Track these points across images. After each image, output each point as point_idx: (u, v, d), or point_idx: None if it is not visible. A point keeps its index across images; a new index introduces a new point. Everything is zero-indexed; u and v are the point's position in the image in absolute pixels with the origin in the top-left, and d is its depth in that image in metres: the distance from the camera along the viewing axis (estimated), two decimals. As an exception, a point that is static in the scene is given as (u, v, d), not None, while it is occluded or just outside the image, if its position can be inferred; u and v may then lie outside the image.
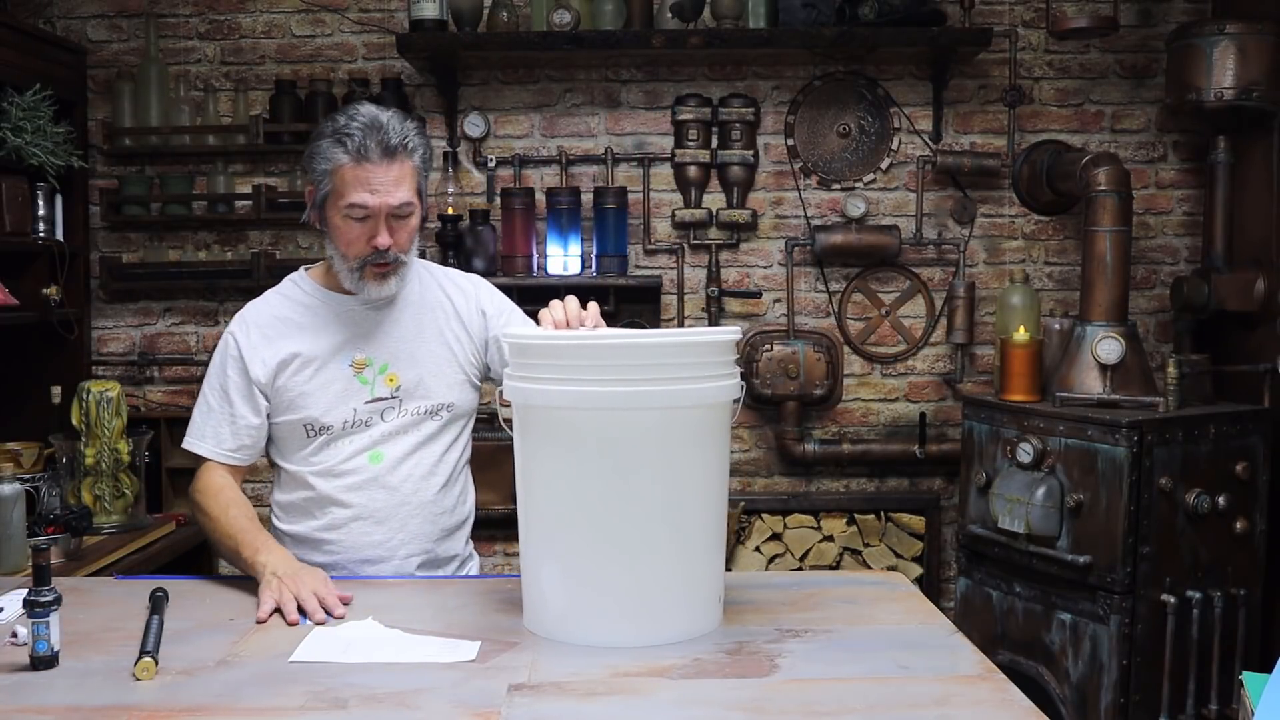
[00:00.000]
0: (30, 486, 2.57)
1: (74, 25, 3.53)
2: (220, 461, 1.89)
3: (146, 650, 1.40)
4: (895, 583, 1.82)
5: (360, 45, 3.53)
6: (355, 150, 1.76)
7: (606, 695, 1.32)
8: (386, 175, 1.78)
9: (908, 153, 3.52)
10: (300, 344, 1.88)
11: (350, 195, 1.78)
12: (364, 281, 1.84)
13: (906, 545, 3.48)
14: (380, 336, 1.90)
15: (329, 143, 1.79)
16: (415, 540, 1.92)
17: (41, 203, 3.21)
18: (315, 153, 1.81)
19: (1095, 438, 2.72)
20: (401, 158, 1.79)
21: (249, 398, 1.87)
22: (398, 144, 1.78)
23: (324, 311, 1.91)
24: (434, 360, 1.92)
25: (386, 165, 1.77)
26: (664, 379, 1.45)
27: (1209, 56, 3.05)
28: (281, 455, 1.93)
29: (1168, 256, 3.54)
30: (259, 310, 1.93)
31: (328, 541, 1.89)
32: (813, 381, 3.46)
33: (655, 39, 3.26)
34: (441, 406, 1.92)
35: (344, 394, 1.87)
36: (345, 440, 1.88)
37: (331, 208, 1.81)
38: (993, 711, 1.28)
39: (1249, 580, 2.83)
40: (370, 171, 1.77)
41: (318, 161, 1.81)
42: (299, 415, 1.87)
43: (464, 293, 2.00)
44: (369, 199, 1.77)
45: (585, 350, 1.49)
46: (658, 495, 1.48)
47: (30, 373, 3.28)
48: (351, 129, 1.77)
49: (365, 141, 1.76)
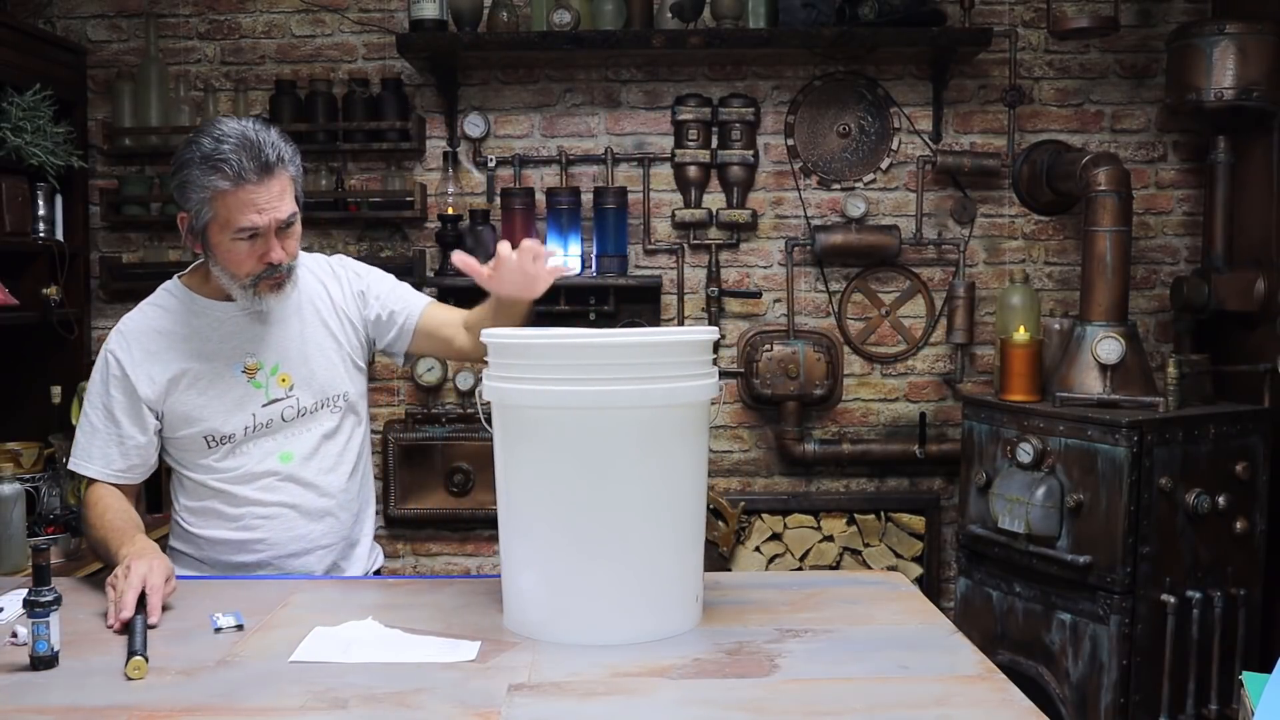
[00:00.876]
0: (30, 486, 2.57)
1: (74, 25, 3.53)
2: (110, 482, 1.87)
3: (135, 650, 1.40)
4: (895, 583, 1.82)
5: (360, 45, 3.53)
6: (235, 174, 1.71)
7: (606, 695, 1.32)
8: (269, 192, 1.74)
9: (908, 153, 3.52)
10: (188, 357, 1.85)
11: (238, 220, 1.74)
12: (260, 296, 1.82)
13: (906, 545, 3.48)
14: (266, 338, 1.89)
15: (201, 170, 1.72)
16: (335, 530, 1.94)
17: (41, 203, 3.21)
18: (187, 181, 1.74)
19: (1095, 438, 2.72)
20: (279, 171, 1.76)
21: (136, 416, 1.84)
22: (274, 159, 1.74)
23: (206, 320, 1.88)
24: (321, 353, 1.93)
25: (267, 182, 1.73)
26: (642, 378, 1.47)
27: (1209, 56, 3.05)
28: (183, 464, 1.91)
29: (1168, 256, 3.54)
30: (136, 324, 1.88)
31: (253, 541, 1.89)
32: (813, 381, 3.46)
33: (655, 39, 3.26)
34: (336, 396, 1.94)
35: (241, 401, 1.86)
36: (250, 444, 1.87)
37: (216, 233, 1.77)
38: (993, 711, 1.28)
39: (1249, 580, 2.83)
40: (252, 192, 1.73)
41: (192, 190, 1.74)
42: (197, 428, 1.85)
43: (338, 279, 2.00)
44: (257, 219, 1.74)
45: (563, 350, 1.50)
46: (636, 493, 1.50)
47: (30, 373, 3.28)
48: (224, 152, 1.71)
49: (241, 163, 1.71)
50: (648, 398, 1.47)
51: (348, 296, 1.99)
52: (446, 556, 3.56)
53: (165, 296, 1.92)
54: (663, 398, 1.48)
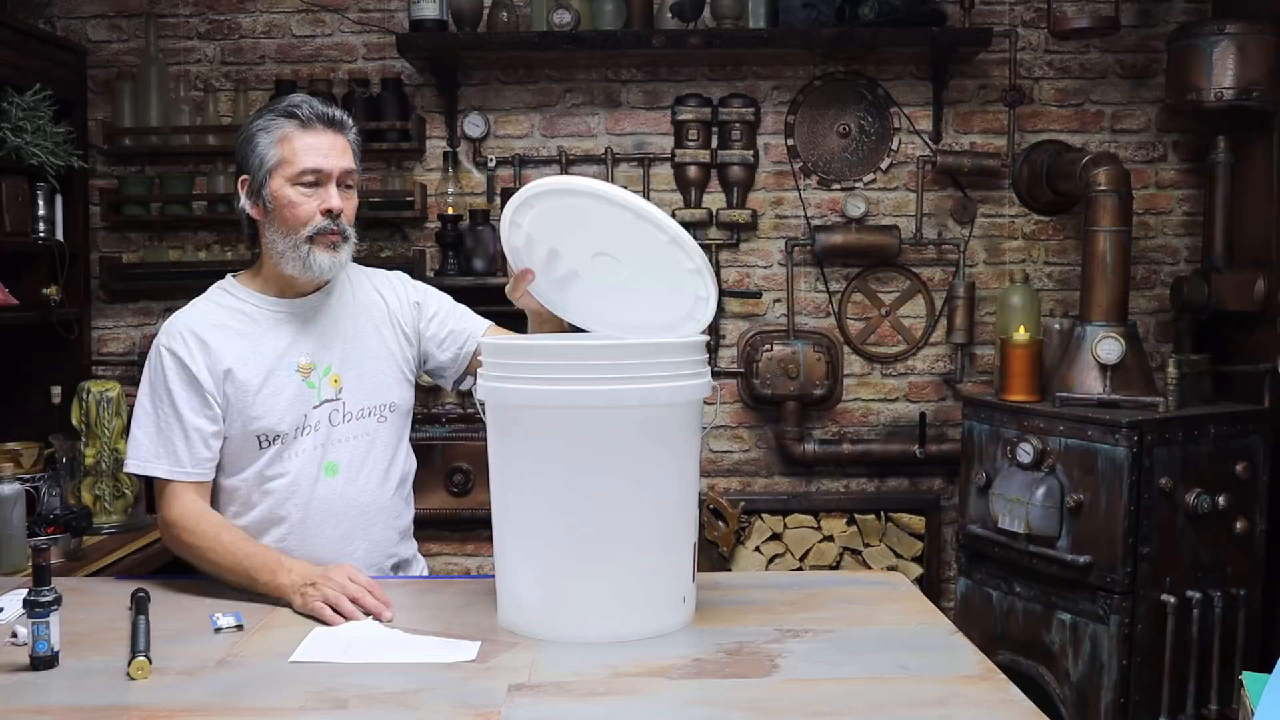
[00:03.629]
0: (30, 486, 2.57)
1: (74, 25, 3.53)
2: (183, 481, 1.80)
3: (138, 650, 1.40)
4: (895, 583, 1.82)
5: (360, 45, 3.53)
6: (304, 118, 1.80)
7: (606, 695, 1.32)
8: (334, 142, 1.82)
9: (908, 153, 3.52)
10: (243, 352, 1.82)
11: (302, 159, 1.79)
12: (314, 254, 1.80)
13: (906, 545, 3.48)
14: (321, 338, 1.88)
15: (273, 116, 1.82)
16: (379, 546, 1.91)
17: (41, 203, 3.21)
18: (255, 131, 1.82)
19: (1095, 438, 2.72)
20: (342, 131, 1.84)
21: (201, 406, 1.80)
22: (339, 117, 1.84)
23: (262, 318, 1.86)
24: (374, 359, 1.91)
25: (332, 134, 1.82)
26: (632, 378, 1.48)
27: (1209, 56, 3.05)
28: (225, 472, 1.86)
29: (1168, 256, 3.54)
30: (192, 319, 1.85)
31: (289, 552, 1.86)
32: (813, 381, 3.46)
33: (655, 39, 3.26)
34: (384, 405, 1.91)
35: (295, 400, 1.83)
36: (296, 448, 1.84)
37: (278, 180, 1.80)
38: (993, 711, 1.28)
39: (1249, 580, 2.83)
40: (319, 137, 1.81)
41: (259, 139, 1.81)
42: (253, 426, 1.82)
43: (394, 289, 1.99)
44: (322, 162, 1.80)
45: (559, 350, 1.51)
46: (629, 492, 1.51)
47: (30, 373, 3.28)
48: (296, 102, 1.83)
49: (310, 112, 1.81)
50: (638, 397, 1.48)
51: (403, 305, 1.97)
52: (446, 556, 3.56)
53: (220, 294, 1.90)
54: (653, 397, 1.49)
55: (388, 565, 1.94)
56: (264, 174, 1.81)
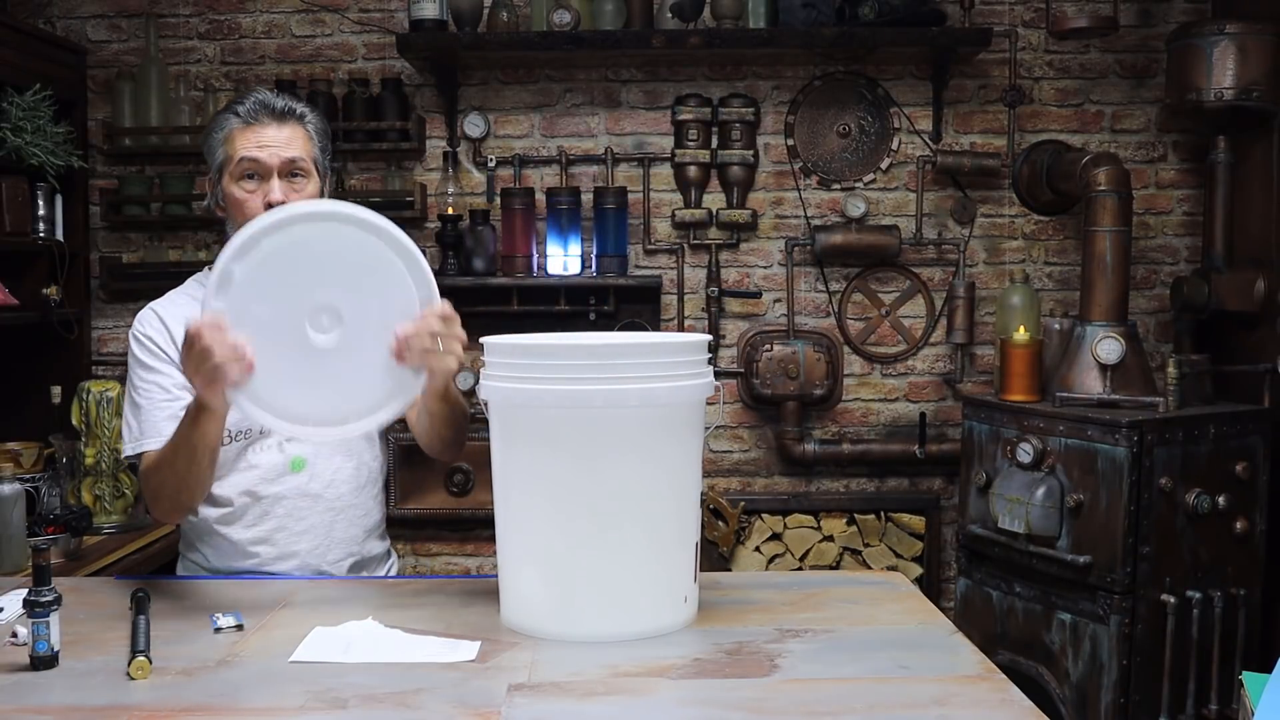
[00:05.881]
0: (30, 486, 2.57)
1: (74, 25, 3.53)
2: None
3: (138, 649, 1.40)
4: (895, 583, 1.82)
5: (360, 45, 3.53)
6: (246, 114, 1.81)
7: (606, 695, 1.32)
8: (278, 134, 1.82)
9: (908, 153, 3.52)
10: None
11: (241, 152, 1.80)
12: None
13: (906, 545, 3.48)
14: None
15: (221, 115, 1.85)
16: (342, 544, 1.92)
17: (41, 203, 3.21)
18: (212, 129, 1.85)
19: (1095, 438, 2.72)
20: (291, 121, 1.84)
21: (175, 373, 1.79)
22: (285, 109, 1.84)
23: None
24: None
25: (277, 126, 1.82)
26: (637, 378, 1.47)
27: (1209, 56, 3.05)
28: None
29: (1168, 256, 3.54)
30: (160, 306, 1.87)
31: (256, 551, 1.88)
32: (813, 381, 3.46)
33: (655, 39, 3.26)
34: None
35: None
36: (263, 443, 1.85)
37: (226, 178, 1.82)
38: (993, 711, 1.28)
39: (1249, 580, 2.83)
40: (260, 132, 1.81)
41: (213, 136, 1.84)
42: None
43: None
44: (259, 153, 1.80)
45: (561, 350, 1.51)
46: (631, 492, 1.51)
47: (30, 373, 3.28)
48: (244, 100, 1.84)
49: (254, 107, 1.82)
50: (639, 397, 1.48)
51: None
52: (446, 556, 3.56)
53: (193, 285, 1.92)
54: (654, 397, 1.49)
55: (348, 564, 1.93)
56: (215, 172, 1.85)
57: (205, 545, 1.91)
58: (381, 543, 2.04)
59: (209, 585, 1.79)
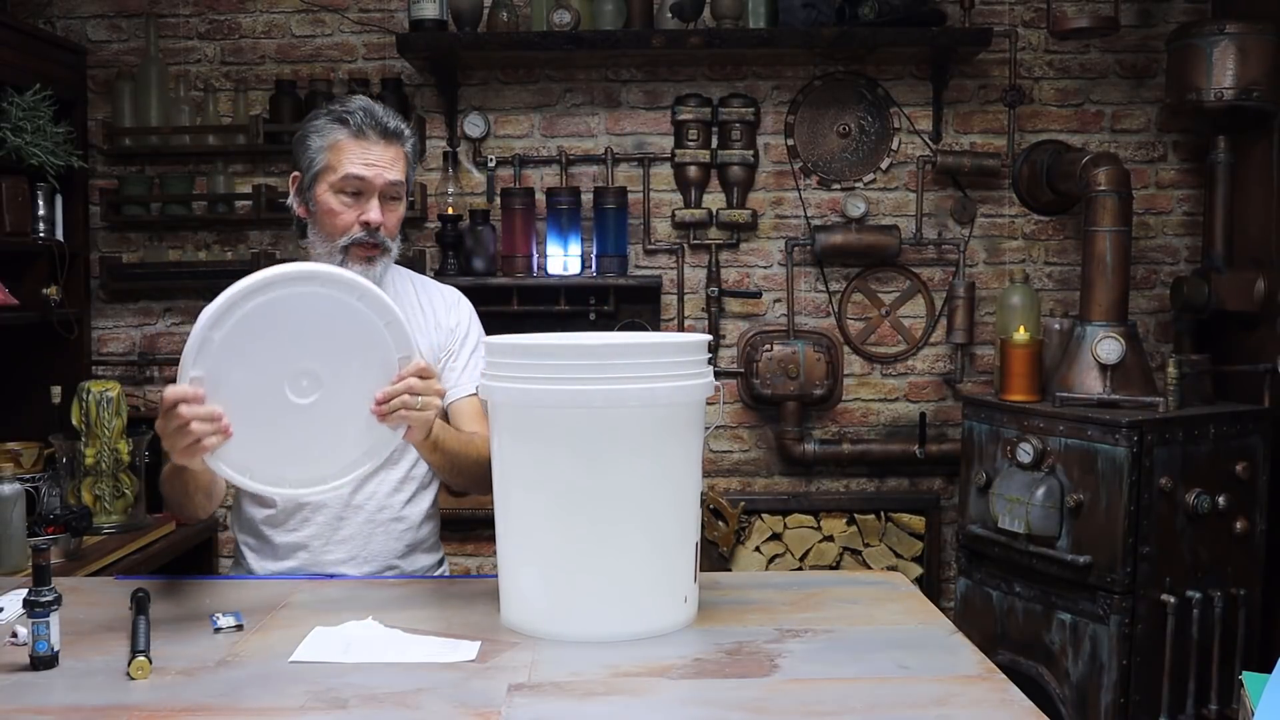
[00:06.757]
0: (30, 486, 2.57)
1: (74, 25, 3.53)
2: None
3: (138, 649, 1.40)
4: (895, 583, 1.82)
5: (360, 45, 3.53)
6: (355, 127, 1.79)
7: (606, 695, 1.32)
8: (384, 154, 1.80)
9: (908, 153, 3.52)
10: None
11: (346, 167, 1.78)
12: (348, 263, 1.78)
13: (906, 545, 3.49)
14: None
15: (326, 119, 1.81)
16: (379, 558, 1.91)
17: (41, 203, 3.21)
18: (309, 132, 1.82)
19: (1095, 438, 2.72)
20: (395, 141, 1.83)
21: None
22: (394, 128, 1.82)
23: None
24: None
25: (384, 145, 1.81)
26: (637, 378, 1.47)
27: (1209, 56, 3.06)
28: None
29: (1168, 256, 3.54)
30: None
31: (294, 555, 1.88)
32: (813, 381, 3.46)
33: (655, 39, 3.26)
34: None
35: None
36: None
37: (322, 185, 1.81)
38: (993, 711, 1.28)
39: (1249, 580, 2.83)
40: (367, 148, 1.79)
41: (311, 140, 1.81)
42: None
43: (446, 302, 1.99)
44: (365, 171, 1.79)
45: (561, 350, 1.51)
46: (631, 491, 1.50)
47: (30, 373, 3.29)
48: (351, 108, 1.81)
49: (364, 120, 1.79)
50: (639, 397, 1.48)
51: (442, 320, 1.96)
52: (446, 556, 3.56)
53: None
54: (653, 397, 1.49)
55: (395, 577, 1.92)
56: (310, 176, 1.82)
57: (252, 538, 1.92)
58: (429, 556, 2.01)
59: (209, 585, 1.79)
